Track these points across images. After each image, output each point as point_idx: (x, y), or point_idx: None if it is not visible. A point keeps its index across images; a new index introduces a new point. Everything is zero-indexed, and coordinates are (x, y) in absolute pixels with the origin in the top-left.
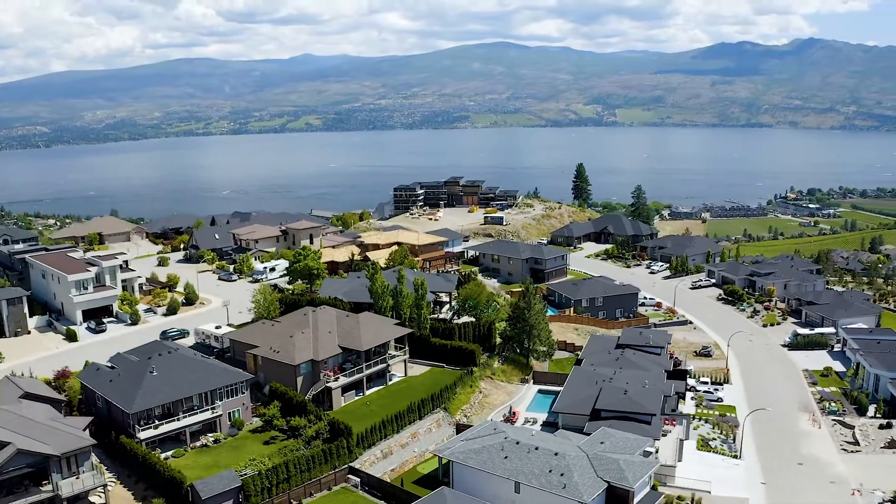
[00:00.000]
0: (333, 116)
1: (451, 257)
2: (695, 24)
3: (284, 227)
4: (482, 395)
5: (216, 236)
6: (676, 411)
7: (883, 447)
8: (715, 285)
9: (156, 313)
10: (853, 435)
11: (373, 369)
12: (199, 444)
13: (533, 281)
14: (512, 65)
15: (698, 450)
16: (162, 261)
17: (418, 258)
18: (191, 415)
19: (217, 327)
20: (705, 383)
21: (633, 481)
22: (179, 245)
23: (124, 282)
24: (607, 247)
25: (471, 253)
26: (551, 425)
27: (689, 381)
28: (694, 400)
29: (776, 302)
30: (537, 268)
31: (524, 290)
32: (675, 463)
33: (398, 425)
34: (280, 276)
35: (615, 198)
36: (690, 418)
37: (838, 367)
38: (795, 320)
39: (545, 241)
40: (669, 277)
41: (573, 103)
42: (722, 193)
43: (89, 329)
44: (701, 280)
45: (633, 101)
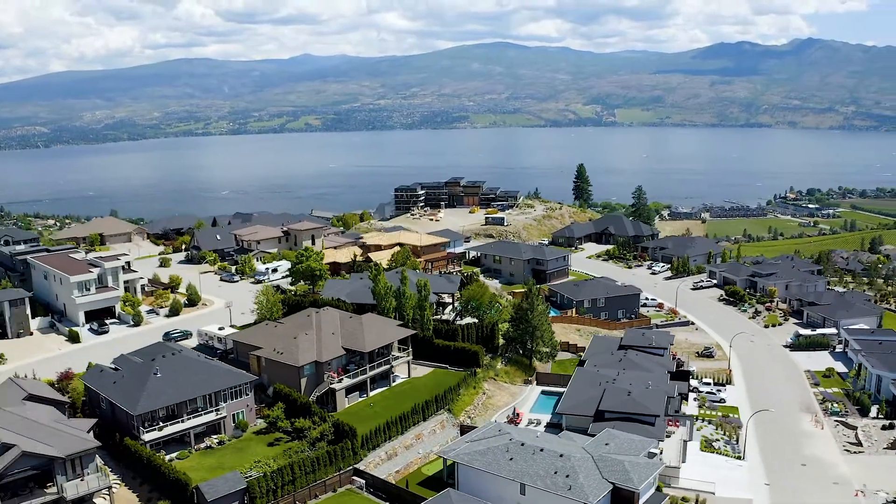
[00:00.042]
0: (332, 117)
1: (453, 258)
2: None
3: (286, 228)
4: (486, 396)
5: (218, 237)
6: (679, 412)
7: (886, 448)
8: (716, 286)
9: (158, 314)
10: (856, 436)
11: (376, 371)
12: (203, 446)
13: (535, 282)
14: (511, 65)
15: (702, 451)
16: (163, 262)
17: (420, 259)
18: (195, 416)
19: (220, 328)
20: (708, 384)
21: (639, 483)
22: (181, 246)
23: (126, 283)
24: (608, 247)
25: (472, 254)
26: (555, 426)
27: (692, 382)
28: (696, 401)
29: (777, 303)
30: (539, 269)
31: (527, 292)
32: (679, 464)
33: (402, 427)
34: (282, 277)
35: (615, 198)
36: (693, 419)
37: (840, 368)
38: (797, 321)
39: (546, 242)
40: (671, 278)
41: (572, 103)
42: (721, 193)
43: (92, 330)
44: (702, 281)
45: (632, 102)
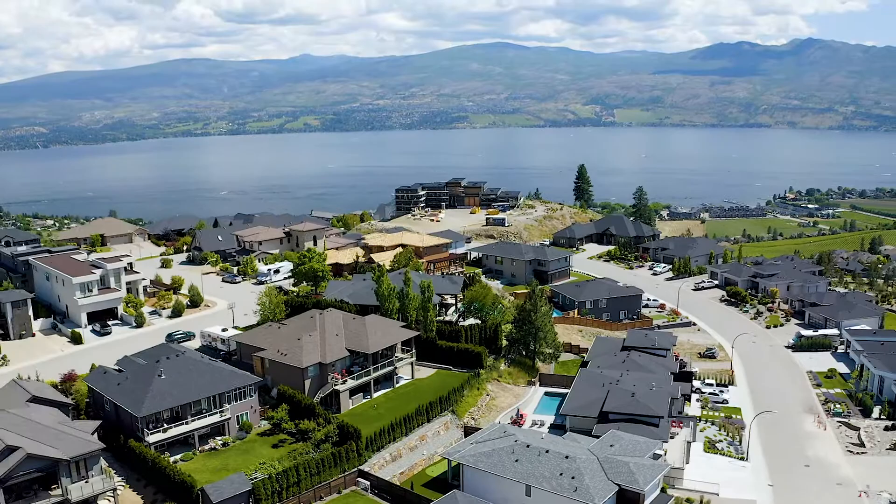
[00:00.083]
0: (332, 117)
1: (455, 259)
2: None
3: (288, 229)
4: (489, 397)
5: (219, 238)
6: (683, 413)
7: (889, 449)
8: (718, 287)
9: (161, 315)
10: (859, 437)
11: (380, 372)
12: (207, 448)
13: (538, 283)
14: (510, 65)
15: (705, 452)
16: (165, 262)
17: (422, 260)
18: (199, 418)
19: (223, 330)
20: (710, 385)
21: (644, 484)
22: (182, 247)
23: (129, 284)
24: (609, 248)
25: (474, 255)
26: (559, 428)
27: (695, 383)
28: (699, 402)
29: (779, 303)
30: (540, 269)
31: (530, 293)
32: (683, 465)
33: (407, 428)
34: (284, 278)
35: (614, 198)
36: (697, 420)
37: (842, 369)
38: (798, 322)
39: (547, 243)
40: (672, 279)
41: (571, 103)
42: (721, 194)
43: (94, 331)
44: (704, 281)
45: (631, 102)
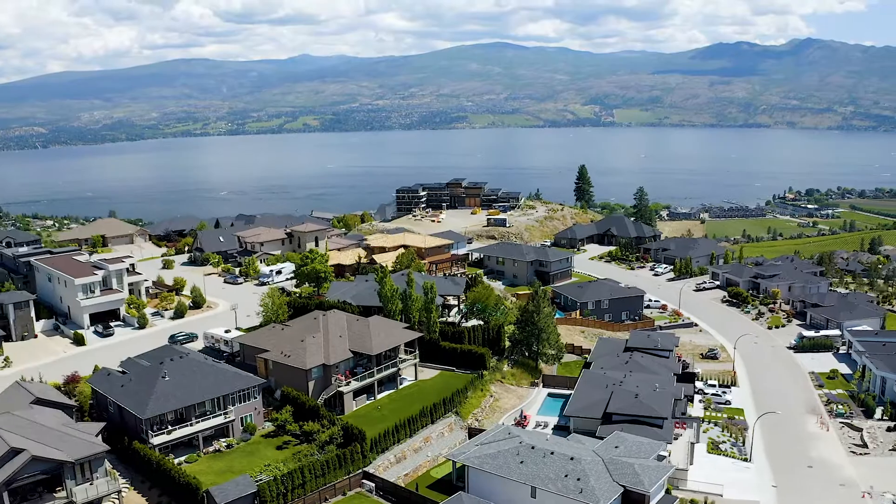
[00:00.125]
0: (331, 117)
1: (457, 260)
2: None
3: (289, 230)
4: (493, 398)
5: (221, 239)
6: (686, 414)
7: (891, 449)
8: (719, 287)
9: (163, 317)
10: (861, 437)
11: (384, 373)
12: (211, 450)
13: (540, 284)
14: (509, 65)
15: (709, 453)
16: (166, 263)
17: (425, 261)
18: (203, 420)
19: (227, 331)
20: (713, 386)
21: (649, 485)
22: (183, 247)
23: (131, 285)
24: (611, 249)
25: (475, 255)
26: (562, 429)
27: (697, 384)
28: (702, 403)
29: (780, 304)
30: (542, 270)
31: (533, 294)
32: (687, 466)
33: (411, 430)
34: (286, 279)
35: (613, 198)
36: (700, 421)
37: (844, 370)
38: (800, 322)
39: (548, 244)
40: (673, 279)
41: (571, 103)
42: (720, 194)
43: (97, 333)
44: (705, 282)
45: (630, 102)
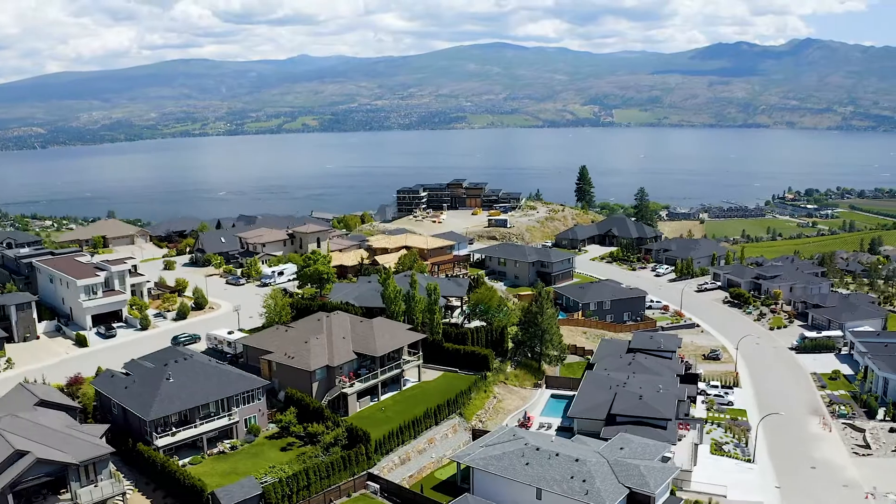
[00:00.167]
0: (330, 117)
1: (460, 261)
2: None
3: (291, 231)
4: (496, 400)
5: (222, 240)
6: (689, 416)
7: (894, 450)
8: (720, 288)
9: (165, 318)
10: (864, 438)
11: (387, 375)
12: (216, 451)
13: (543, 285)
14: (509, 65)
15: (712, 454)
16: (168, 264)
17: (427, 262)
18: (208, 421)
19: (230, 332)
20: (715, 387)
21: (655, 487)
22: (185, 248)
23: (133, 286)
24: (612, 249)
25: (476, 256)
26: (566, 430)
27: (700, 385)
28: (705, 404)
29: (782, 305)
30: (544, 271)
31: (536, 295)
32: (691, 467)
33: (415, 431)
34: (288, 280)
35: (613, 198)
36: (703, 422)
37: (846, 371)
38: (802, 323)
39: (549, 244)
40: (675, 280)
41: (570, 104)
42: (719, 194)
43: (99, 334)
44: (706, 283)
45: (630, 102)
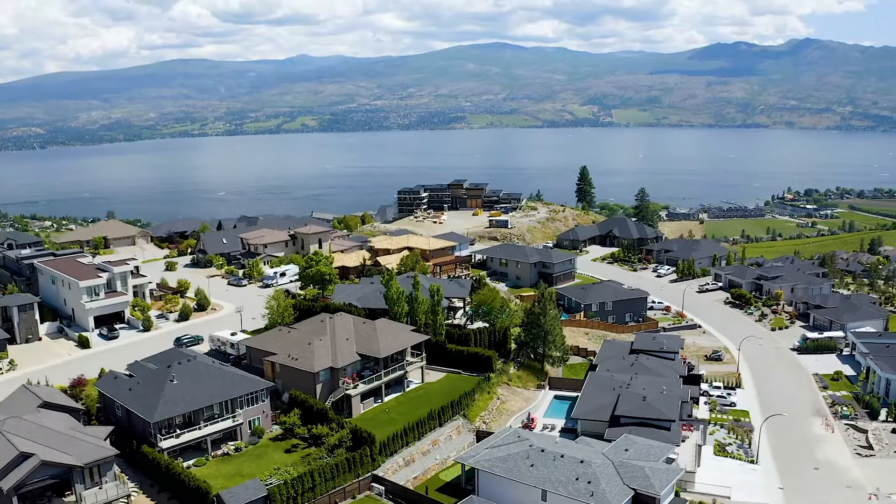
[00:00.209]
0: (329, 117)
1: (462, 261)
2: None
3: (293, 232)
4: (500, 401)
5: (224, 240)
6: (692, 417)
7: None
8: (722, 289)
9: (168, 319)
10: (866, 439)
11: (391, 376)
12: (220, 453)
13: (547, 286)
14: (508, 65)
15: (715, 455)
16: (169, 265)
17: (429, 263)
18: (212, 423)
19: (233, 334)
20: (718, 388)
21: (660, 489)
22: (186, 249)
23: (135, 287)
24: (613, 250)
25: (477, 257)
26: (570, 431)
27: (702, 386)
28: (707, 405)
29: (783, 305)
30: (545, 272)
31: (540, 296)
32: (695, 469)
33: (419, 432)
34: (290, 282)
35: (612, 198)
36: (707, 423)
37: (848, 371)
38: (803, 324)
39: (550, 245)
40: (676, 281)
41: (569, 104)
42: (719, 194)
43: (101, 335)
44: (708, 283)
45: (629, 102)
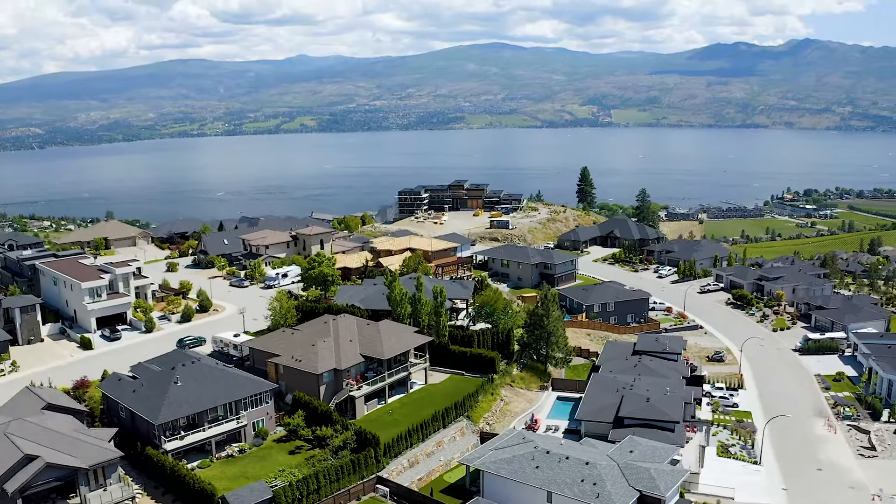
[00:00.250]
0: (328, 117)
1: (463, 263)
2: (690, 25)
3: (295, 233)
4: (503, 402)
5: (225, 241)
6: (695, 418)
7: None
8: (723, 289)
9: (170, 321)
10: (869, 440)
11: (394, 377)
12: (224, 455)
13: (549, 287)
14: (507, 65)
15: (719, 456)
16: (171, 266)
17: (431, 264)
18: (216, 425)
19: (236, 335)
20: (720, 389)
21: (665, 490)
22: (187, 250)
23: (137, 289)
24: (614, 251)
25: (479, 257)
26: (573, 433)
27: (705, 387)
28: (710, 406)
29: (785, 306)
30: (547, 273)
31: (543, 297)
32: (699, 470)
33: (423, 434)
34: (292, 283)
35: (612, 199)
36: (710, 425)
37: (850, 372)
38: (805, 325)
39: (551, 246)
40: (677, 282)
41: (568, 104)
42: (718, 194)
43: (104, 337)
44: (709, 284)
45: (628, 102)
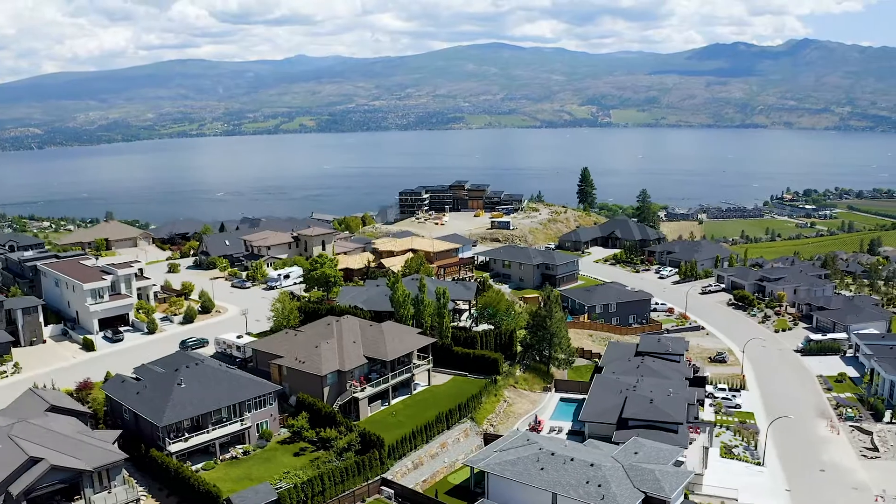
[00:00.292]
0: (327, 118)
1: (464, 263)
2: (689, 25)
3: (296, 234)
4: (507, 404)
5: (226, 242)
6: (698, 419)
7: None
8: (724, 290)
9: (172, 322)
10: (872, 441)
11: (398, 379)
12: (228, 457)
13: (552, 288)
14: (506, 65)
15: (722, 457)
16: (172, 267)
17: (433, 265)
18: (220, 427)
19: (238, 336)
20: (723, 390)
21: (670, 491)
22: (188, 251)
23: (139, 290)
24: (615, 251)
25: (480, 258)
26: (577, 434)
27: (707, 388)
28: (713, 407)
29: (786, 307)
30: (549, 273)
31: (546, 298)
32: (702, 471)
33: (427, 435)
34: (294, 284)
35: (611, 199)
36: (713, 426)
37: (852, 373)
38: (806, 325)
39: (553, 246)
40: (679, 282)
41: (567, 104)
42: (718, 194)
43: (106, 338)
44: (710, 285)
45: (627, 102)
